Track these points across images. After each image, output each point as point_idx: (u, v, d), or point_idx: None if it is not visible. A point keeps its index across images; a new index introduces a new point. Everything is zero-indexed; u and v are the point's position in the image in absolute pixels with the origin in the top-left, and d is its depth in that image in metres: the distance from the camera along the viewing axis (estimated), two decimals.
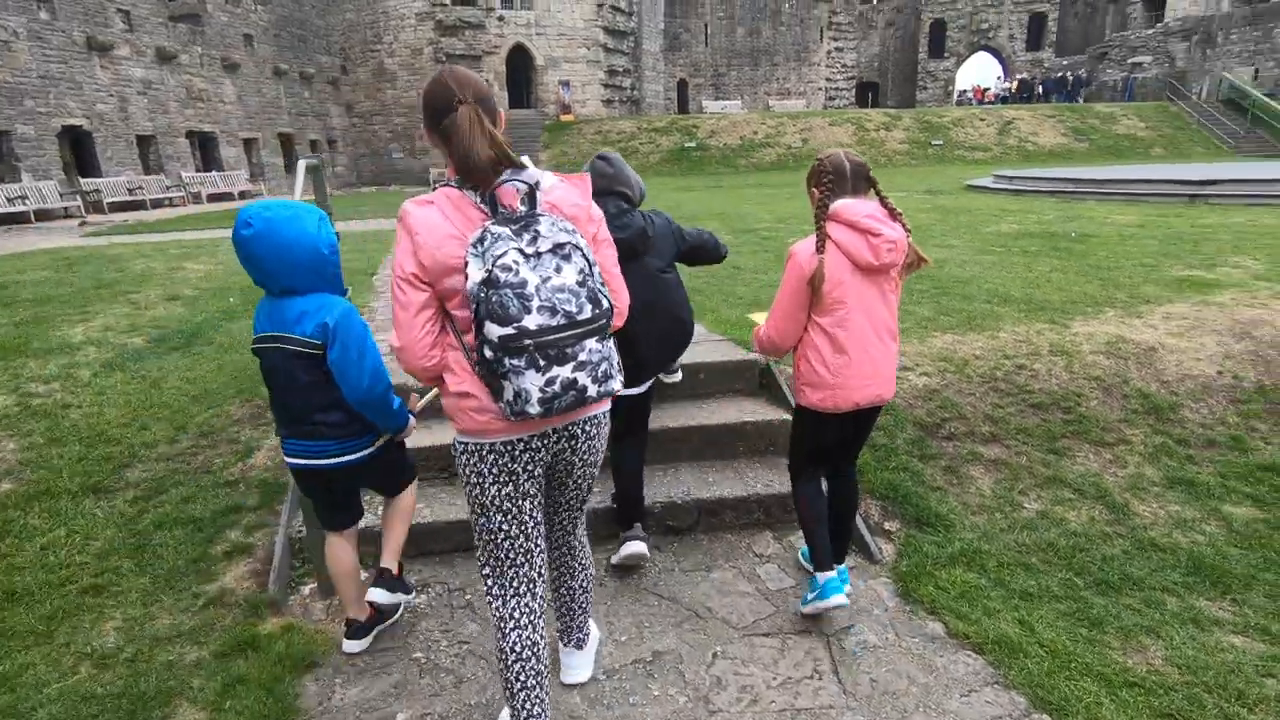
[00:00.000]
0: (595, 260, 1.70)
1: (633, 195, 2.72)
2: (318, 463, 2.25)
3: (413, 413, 2.44)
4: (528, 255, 1.56)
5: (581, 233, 1.69)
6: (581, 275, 1.62)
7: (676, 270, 2.89)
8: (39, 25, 17.53)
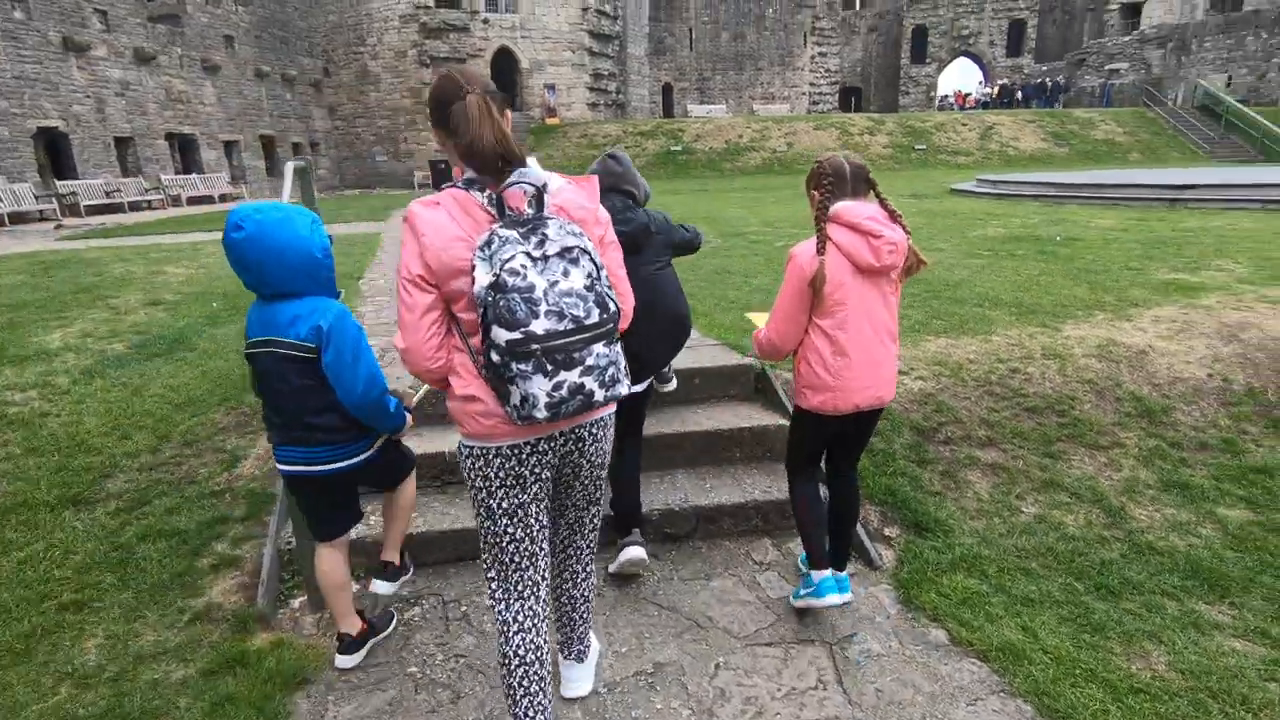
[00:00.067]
0: (602, 263, 1.67)
1: (638, 195, 2.76)
2: (313, 469, 2.19)
3: (409, 410, 2.40)
4: (535, 259, 1.54)
5: (588, 235, 1.67)
6: (589, 279, 1.60)
7: (673, 266, 2.92)
8: (13, 25, 17.18)
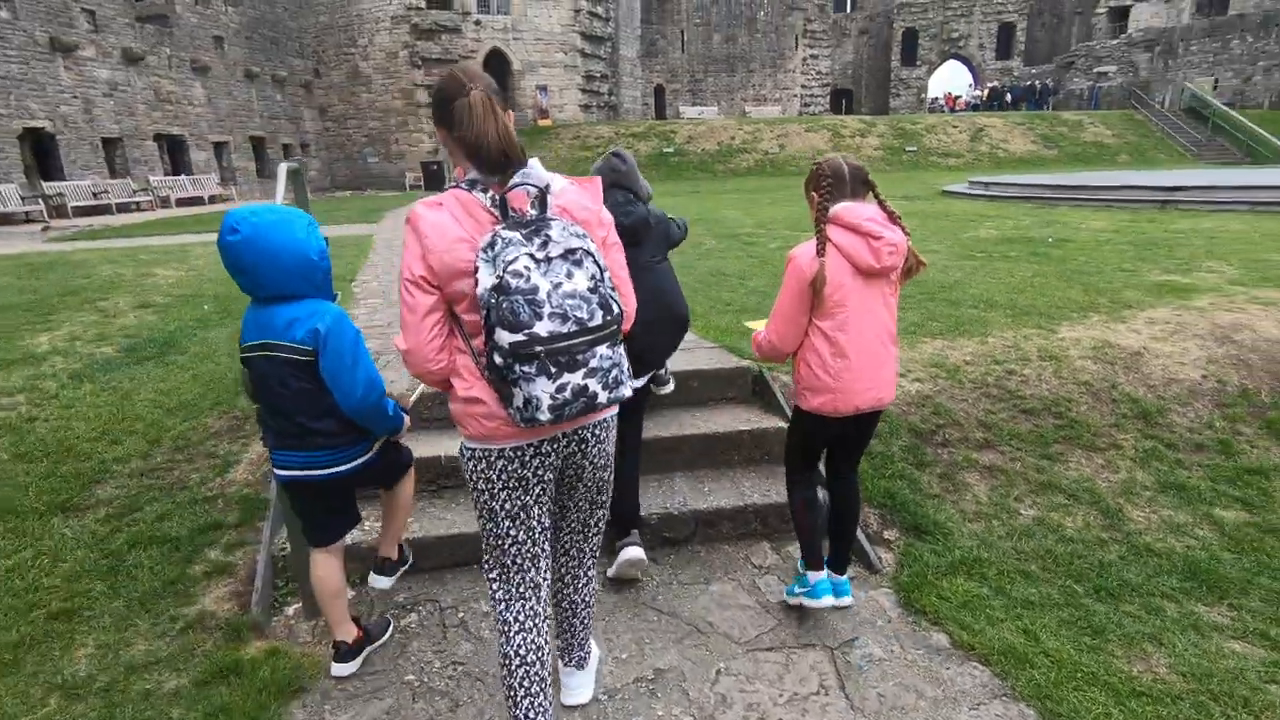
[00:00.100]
0: (605, 265, 1.67)
1: (640, 194, 2.81)
2: (311, 474, 2.17)
3: (406, 411, 2.39)
4: (538, 260, 1.54)
5: (591, 237, 1.67)
6: (593, 281, 1.60)
7: (669, 261, 2.95)
8: None
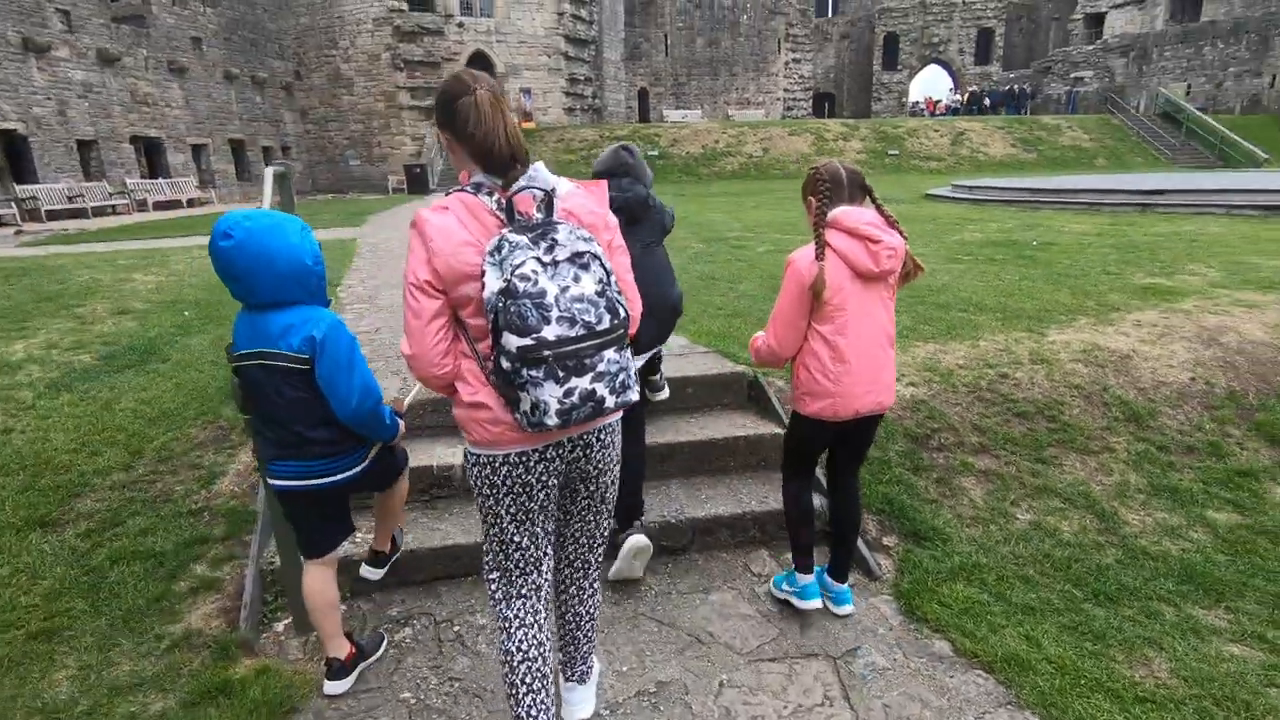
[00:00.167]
0: (611, 268, 1.66)
1: (643, 182, 2.92)
2: (308, 483, 2.12)
3: (401, 416, 2.35)
4: (546, 264, 1.53)
5: (597, 240, 1.66)
6: (600, 285, 1.59)
7: (664, 247, 3.03)
8: None
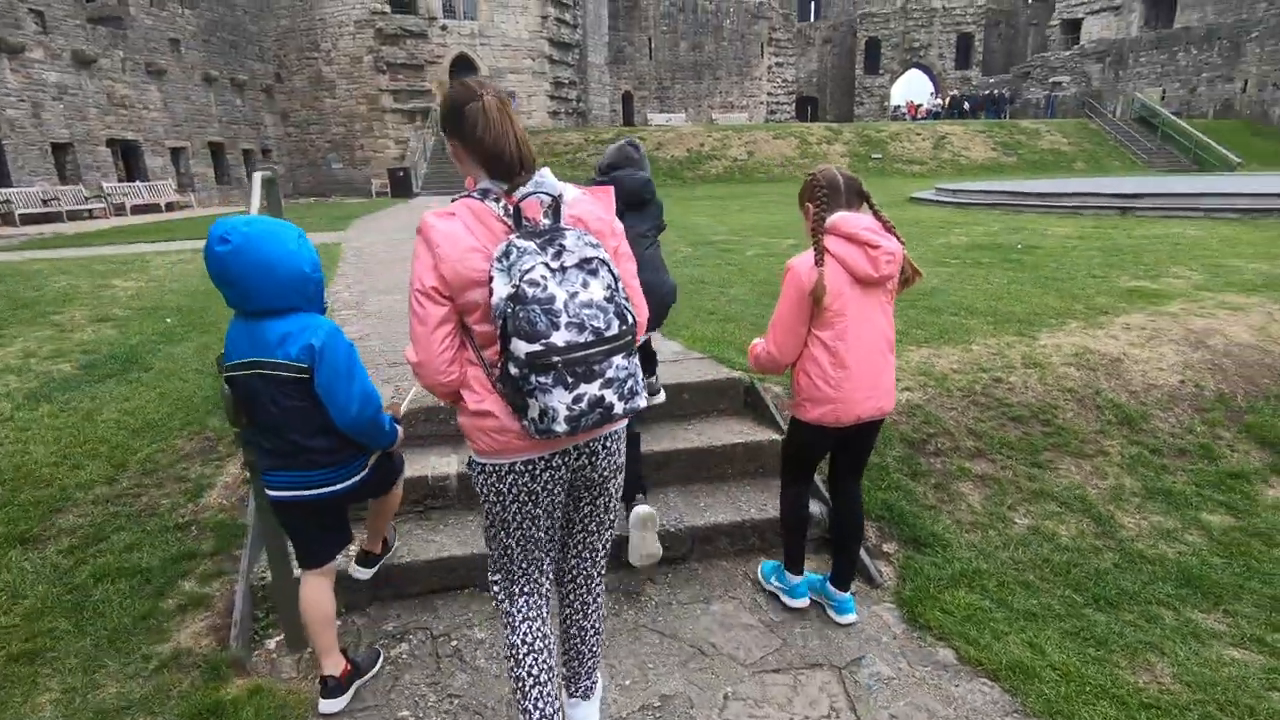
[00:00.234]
0: (619, 274, 1.66)
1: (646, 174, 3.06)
2: (307, 494, 2.08)
3: (398, 421, 2.33)
4: (554, 270, 1.52)
5: (604, 247, 1.65)
6: (609, 290, 1.59)
7: (659, 245, 3.17)
8: None
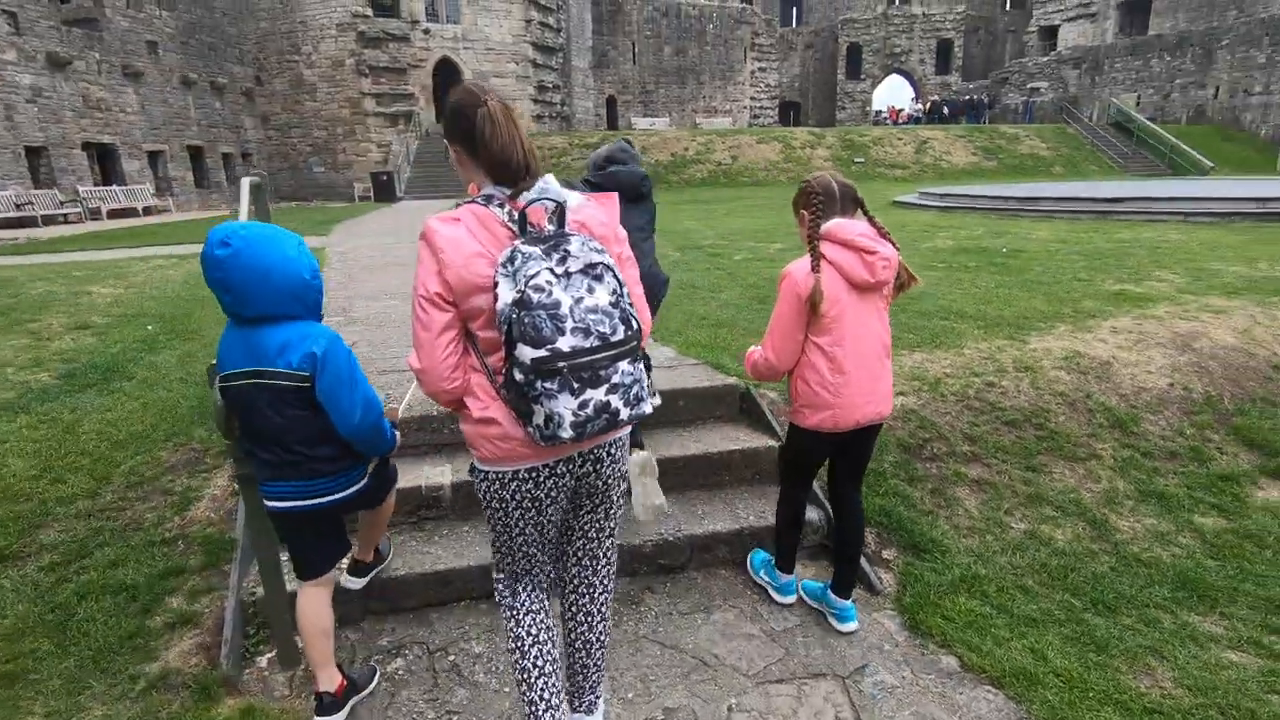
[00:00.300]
0: (624, 280, 1.65)
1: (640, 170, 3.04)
2: (308, 503, 2.04)
3: (395, 426, 2.29)
4: (559, 275, 1.51)
5: (608, 252, 1.64)
6: (614, 296, 1.58)
7: (653, 238, 3.16)
8: None
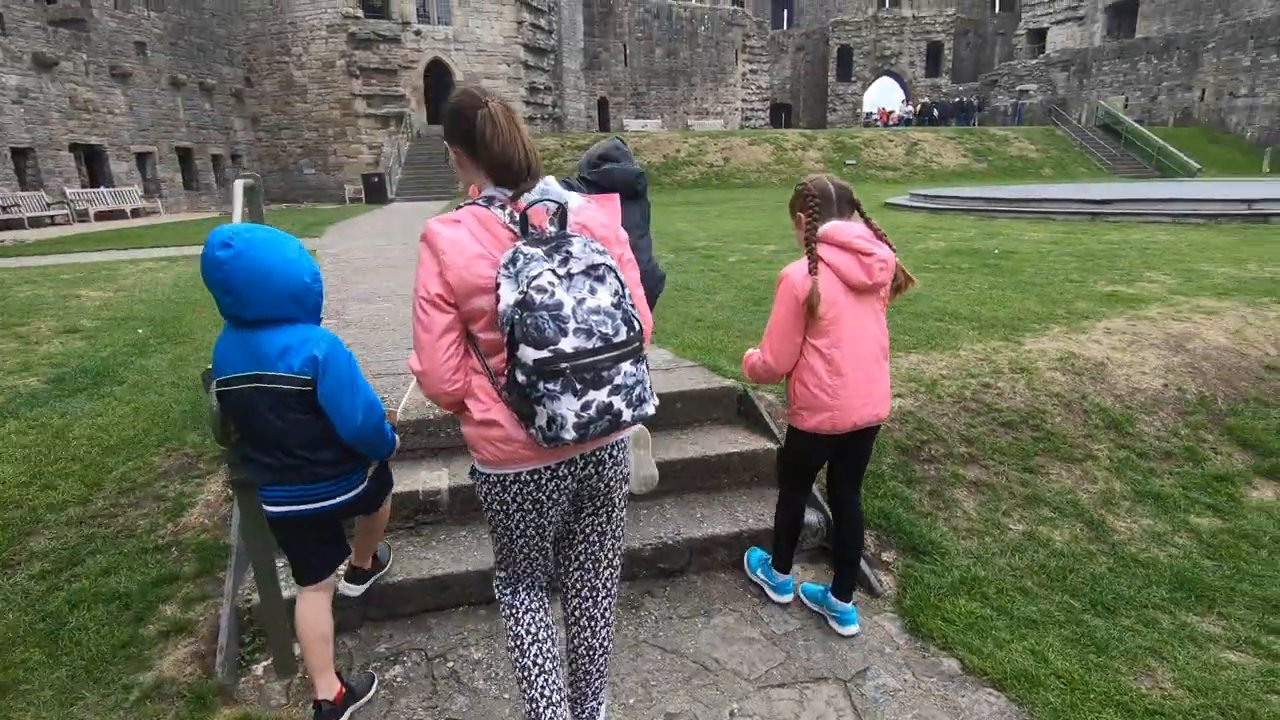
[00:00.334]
0: (626, 281, 1.64)
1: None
2: (309, 508, 2.02)
3: (394, 428, 2.27)
4: (561, 277, 1.50)
5: (609, 253, 1.64)
6: (616, 297, 1.57)
7: (650, 238, 3.18)
8: None
